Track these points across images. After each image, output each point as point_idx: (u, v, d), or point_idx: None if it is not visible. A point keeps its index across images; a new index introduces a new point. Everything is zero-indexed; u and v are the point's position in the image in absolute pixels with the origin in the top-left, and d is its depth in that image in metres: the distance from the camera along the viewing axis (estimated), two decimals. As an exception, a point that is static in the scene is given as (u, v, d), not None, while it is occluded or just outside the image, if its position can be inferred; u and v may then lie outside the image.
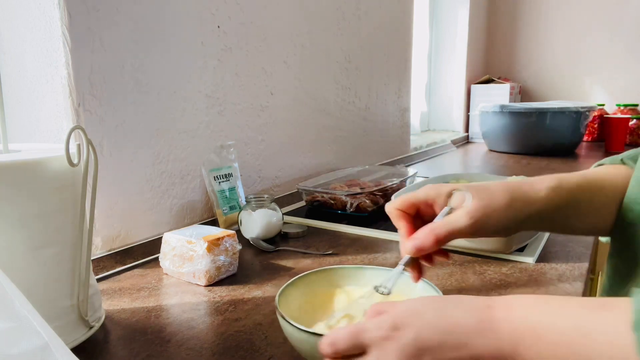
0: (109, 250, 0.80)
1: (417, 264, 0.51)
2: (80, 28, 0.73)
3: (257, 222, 0.88)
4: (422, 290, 0.53)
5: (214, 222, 0.97)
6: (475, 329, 0.35)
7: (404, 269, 0.49)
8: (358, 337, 0.37)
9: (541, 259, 0.78)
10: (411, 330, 0.36)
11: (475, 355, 0.35)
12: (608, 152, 2.09)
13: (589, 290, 0.78)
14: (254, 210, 0.90)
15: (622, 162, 0.56)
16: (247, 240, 0.90)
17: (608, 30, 2.51)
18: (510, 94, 2.47)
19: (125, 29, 0.80)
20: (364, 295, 0.52)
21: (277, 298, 0.50)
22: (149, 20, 0.84)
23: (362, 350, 0.37)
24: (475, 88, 2.55)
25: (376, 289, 0.50)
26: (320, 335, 0.44)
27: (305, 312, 0.53)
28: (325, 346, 0.38)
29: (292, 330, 0.46)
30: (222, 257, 0.71)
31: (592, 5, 2.53)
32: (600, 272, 1.26)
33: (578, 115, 1.96)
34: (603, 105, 2.48)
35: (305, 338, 0.44)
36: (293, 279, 0.55)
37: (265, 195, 0.92)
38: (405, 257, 0.49)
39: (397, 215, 0.52)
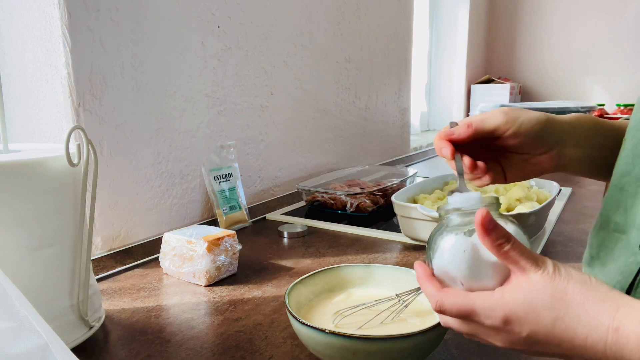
0: (109, 250, 0.80)
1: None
2: (80, 28, 0.73)
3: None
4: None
5: (214, 222, 0.97)
6: (595, 353, 0.33)
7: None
8: (467, 315, 0.37)
9: (541, 259, 0.78)
10: (524, 329, 0.35)
11: None
12: (608, 152, 2.08)
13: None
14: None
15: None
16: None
17: (608, 30, 2.51)
18: (510, 94, 2.47)
19: (125, 29, 0.80)
20: (381, 300, 0.52)
21: (286, 295, 0.50)
22: (149, 20, 0.84)
23: (467, 320, 0.38)
24: (475, 88, 2.55)
25: (398, 297, 0.51)
26: (328, 332, 0.44)
27: (314, 310, 0.54)
28: (434, 305, 0.39)
29: (299, 326, 0.46)
30: (222, 257, 0.71)
31: (592, 5, 2.53)
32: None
33: (578, 115, 1.96)
34: (603, 105, 2.48)
35: (313, 334, 0.45)
36: (302, 277, 0.55)
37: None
38: (457, 163, 0.48)
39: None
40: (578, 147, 0.52)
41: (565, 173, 0.55)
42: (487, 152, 0.52)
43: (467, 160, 0.49)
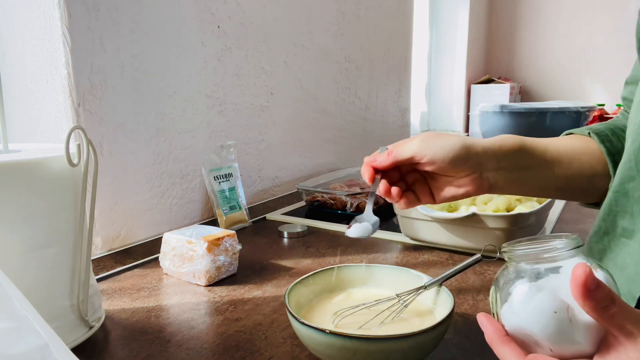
0: (109, 250, 0.80)
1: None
2: (80, 28, 0.73)
3: None
4: (442, 300, 0.53)
5: (214, 222, 0.97)
6: None
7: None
8: None
9: (541, 259, 0.78)
10: None
11: None
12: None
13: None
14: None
15: (589, 135, 0.60)
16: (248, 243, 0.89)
17: (608, 30, 2.51)
18: (510, 94, 2.47)
19: (125, 29, 0.80)
20: (381, 300, 0.52)
21: (286, 295, 0.50)
22: (149, 20, 0.84)
23: None
24: (475, 88, 2.55)
25: (398, 297, 0.51)
26: (328, 332, 0.44)
27: (314, 310, 0.54)
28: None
29: (299, 326, 0.46)
30: (222, 257, 0.71)
31: (592, 5, 2.53)
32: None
33: (578, 115, 1.96)
34: (603, 105, 2.48)
35: (313, 334, 0.45)
36: (302, 277, 0.55)
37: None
38: (374, 186, 0.54)
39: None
40: (499, 170, 0.53)
41: (495, 194, 0.57)
42: (416, 174, 0.56)
43: (381, 186, 0.54)
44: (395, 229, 0.93)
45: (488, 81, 2.58)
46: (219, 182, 0.97)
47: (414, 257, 0.81)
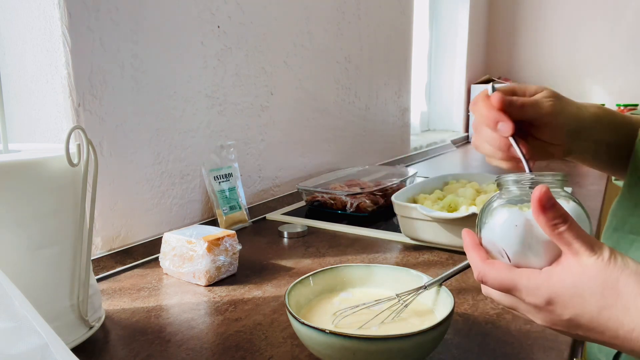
0: (109, 250, 0.80)
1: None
2: (80, 28, 0.73)
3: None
4: (442, 300, 0.53)
5: (214, 222, 0.97)
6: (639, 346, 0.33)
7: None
8: (509, 290, 0.37)
9: (541, 259, 0.78)
10: (567, 312, 0.35)
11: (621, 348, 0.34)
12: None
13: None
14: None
15: None
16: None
17: (608, 30, 2.51)
18: (510, 94, 2.47)
19: (125, 29, 0.80)
20: (381, 300, 0.52)
21: (286, 295, 0.50)
22: (149, 20, 0.84)
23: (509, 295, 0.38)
24: (475, 88, 2.55)
25: (398, 297, 0.51)
26: (328, 332, 0.44)
27: (314, 310, 0.54)
28: (477, 275, 0.39)
29: (299, 326, 0.46)
30: (222, 257, 0.71)
31: (592, 5, 2.53)
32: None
33: (578, 115, 1.96)
34: (603, 105, 2.48)
35: (313, 334, 0.45)
36: (302, 277, 0.55)
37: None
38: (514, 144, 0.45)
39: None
40: (588, 141, 0.52)
41: (569, 160, 0.56)
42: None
43: (523, 146, 0.45)
44: (395, 229, 0.93)
45: (488, 81, 2.57)
46: (219, 182, 0.97)
47: (414, 257, 0.81)
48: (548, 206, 0.34)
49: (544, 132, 0.48)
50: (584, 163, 0.57)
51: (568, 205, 0.37)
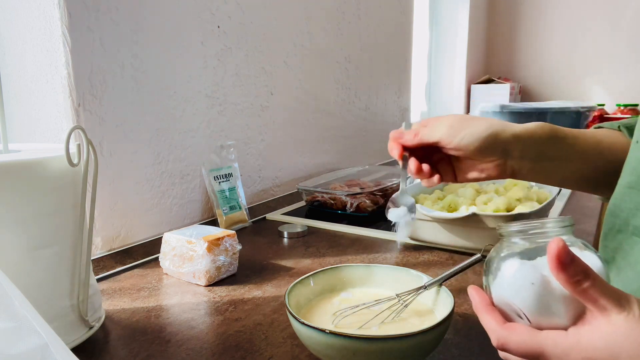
0: (109, 250, 0.80)
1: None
2: (80, 28, 0.73)
3: None
4: (442, 300, 0.53)
5: (214, 222, 0.97)
6: None
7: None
8: (536, 356, 0.34)
9: (541, 259, 0.78)
10: None
11: None
12: (608, 152, 2.08)
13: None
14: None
15: (619, 129, 0.60)
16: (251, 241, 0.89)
17: (608, 30, 2.51)
18: (510, 94, 2.47)
19: (125, 29, 0.80)
20: (381, 300, 0.52)
21: (286, 295, 0.50)
22: (149, 20, 0.84)
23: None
24: (475, 88, 2.55)
25: (398, 297, 0.51)
26: (328, 332, 0.44)
27: (314, 310, 0.54)
28: (496, 341, 0.36)
29: (299, 326, 0.46)
30: (222, 257, 0.71)
31: (592, 5, 2.53)
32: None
33: (578, 115, 1.96)
34: (603, 105, 2.48)
35: (313, 334, 0.45)
36: (302, 277, 0.55)
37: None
38: (404, 164, 0.56)
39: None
40: (525, 158, 0.53)
41: (516, 179, 0.58)
42: (441, 153, 0.56)
43: (412, 164, 0.55)
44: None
45: (488, 81, 2.57)
46: (219, 182, 0.97)
47: (414, 257, 0.81)
48: (567, 262, 0.31)
49: (456, 154, 0.54)
50: (546, 182, 0.58)
51: (582, 255, 0.34)
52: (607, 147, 0.56)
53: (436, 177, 0.56)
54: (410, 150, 0.56)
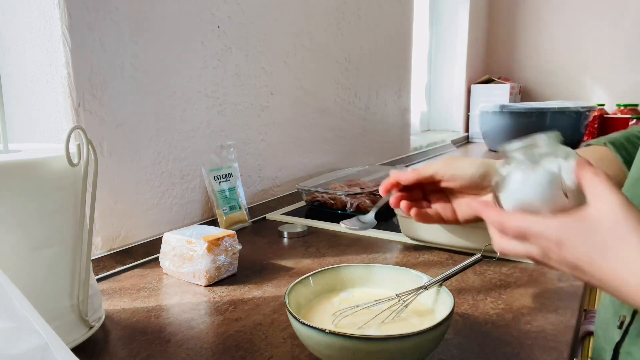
0: (109, 250, 0.80)
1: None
2: (80, 28, 0.73)
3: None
4: (442, 300, 0.53)
5: (214, 222, 0.97)
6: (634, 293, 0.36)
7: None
8: (524, 235, 0.41)
9: (541, 259, 0.78)
10: (573, 255, 0.38)
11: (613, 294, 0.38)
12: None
13: (588, 290, 0.78)
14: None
15: (605, 145, 0.63)
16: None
17: (608, 30, 2.51)
18: (510, 94, 2.47)
19: (125, 29, 0.80)
20: (381, 300, 0.52)
21: (286, 295, 0.50)
22: (149, 20, 0.84)
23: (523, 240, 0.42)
24: (475, 88, 2.55)
25: (398, 297, 0.51)
26: (328, 332, 0.44)
27: (314, 310, 0.54)
28: (494, 224, 0.43)
29: (299, 326, 0.46)
30: (222, 257, 0.71)
31: (592, 5, 2.53)
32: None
33: (578, 115, 1.96)
34: (603, 105, 2.48)
35: (313, 334, 0.45)
36: (302, 277, 0.55)
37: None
38: (387, 197, 0.61)
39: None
40: None
41: None
42: (441, 194, 0.61)
43: (393, 199, 0.61)
44: (395, 229, 0.93)
45: (488, 81, 2.57)
46: (219, 182, 0.97)
47: (414, 257, 0.81)
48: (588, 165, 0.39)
49: (453, 185, 0.58)
50: None
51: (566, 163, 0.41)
52: (596, 164, 0.58)
53: (432, 212, 0.60)
54: (409, 191, 0.61)
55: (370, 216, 0.66)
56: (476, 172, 0.56)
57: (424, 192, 0.62)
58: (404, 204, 0.60)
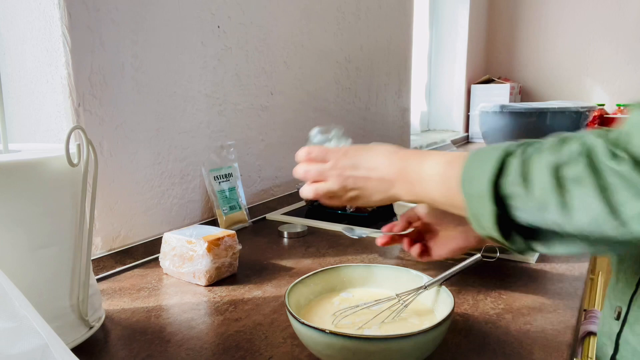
0: (109, 250, 0.80)
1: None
2: (80, 28, 0.73)
3: None
4: (442, 300, 0.53)
5: (214, 222, 0.97)
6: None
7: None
8: (324, 153, 0.60)
9: (541, 259, 0.78)
10: (357, 158, 0.58)
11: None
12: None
13: (589, 290, 0.78)
14: None
15: None
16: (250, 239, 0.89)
17: (608, 30, 2.51)
18: (510, 94, 2.47)
19: (125, 29, 0.80)
20: (381, 300, 0.53)
21: (286, 295, 0.50)
22: (149, 20, 0.84)
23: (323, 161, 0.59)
24: (475, 88, 2.55)
25: (398, 297, 0.51)
26: (328, 332, 0.44)
27: (314, 310, 0.54)
28: (301, 154, 0.61)
29: (299, 326, 0.46)
30: (222, 257, 0.71)
31: (593, 5, 2.53)
32: (600, 272, 1.26)
33: (578, 115, 1.96)
34: (603, 105, 2.48)
35: (313, 334, 0.45)
36: (302, 277, 0.55)
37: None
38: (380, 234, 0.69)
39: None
40: None
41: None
42: (433, 234, 0.66)
43: (383, 239, 0.70)
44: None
45: (488, 81, 2.57)
46: (219, 182, 0.97)
47: (414, 257, 0.81)
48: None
49: (447, 222, 0.64)
50: None
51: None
52: None
53: (415, 251, 0.67)
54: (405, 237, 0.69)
55: (367, 231, 0.78)
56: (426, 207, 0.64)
57: (421, 235, 0.68)
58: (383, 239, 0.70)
